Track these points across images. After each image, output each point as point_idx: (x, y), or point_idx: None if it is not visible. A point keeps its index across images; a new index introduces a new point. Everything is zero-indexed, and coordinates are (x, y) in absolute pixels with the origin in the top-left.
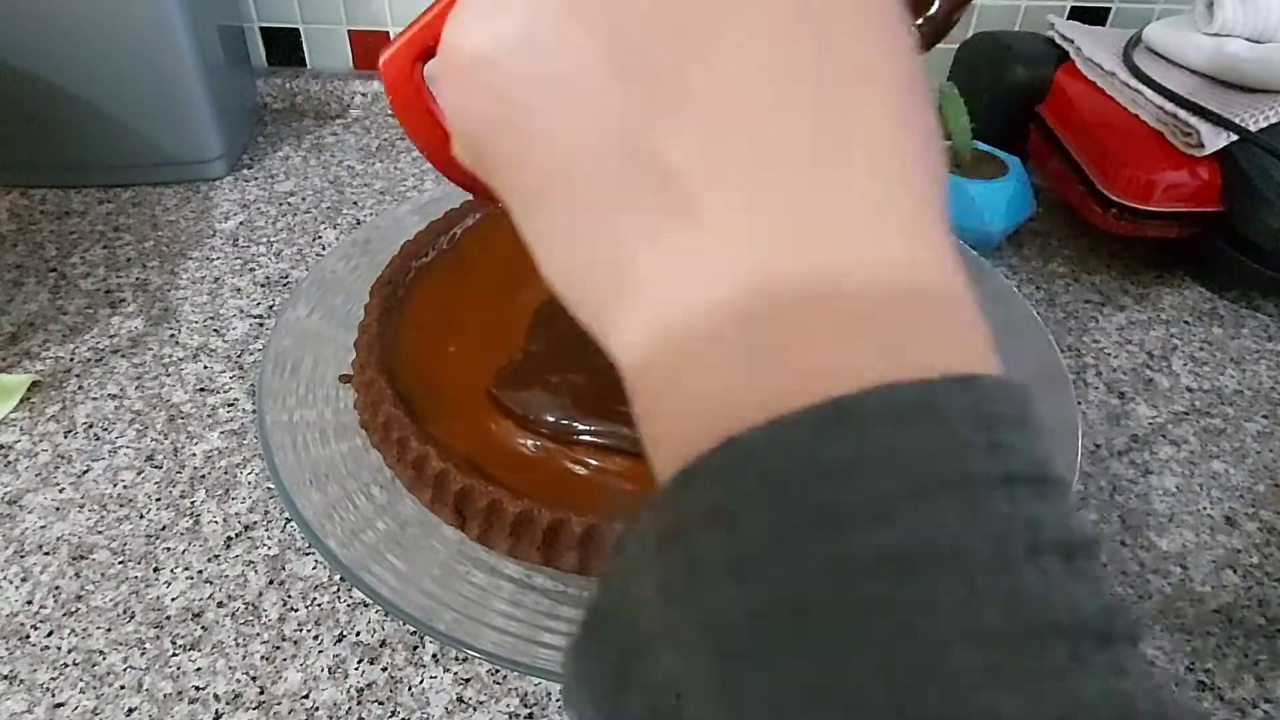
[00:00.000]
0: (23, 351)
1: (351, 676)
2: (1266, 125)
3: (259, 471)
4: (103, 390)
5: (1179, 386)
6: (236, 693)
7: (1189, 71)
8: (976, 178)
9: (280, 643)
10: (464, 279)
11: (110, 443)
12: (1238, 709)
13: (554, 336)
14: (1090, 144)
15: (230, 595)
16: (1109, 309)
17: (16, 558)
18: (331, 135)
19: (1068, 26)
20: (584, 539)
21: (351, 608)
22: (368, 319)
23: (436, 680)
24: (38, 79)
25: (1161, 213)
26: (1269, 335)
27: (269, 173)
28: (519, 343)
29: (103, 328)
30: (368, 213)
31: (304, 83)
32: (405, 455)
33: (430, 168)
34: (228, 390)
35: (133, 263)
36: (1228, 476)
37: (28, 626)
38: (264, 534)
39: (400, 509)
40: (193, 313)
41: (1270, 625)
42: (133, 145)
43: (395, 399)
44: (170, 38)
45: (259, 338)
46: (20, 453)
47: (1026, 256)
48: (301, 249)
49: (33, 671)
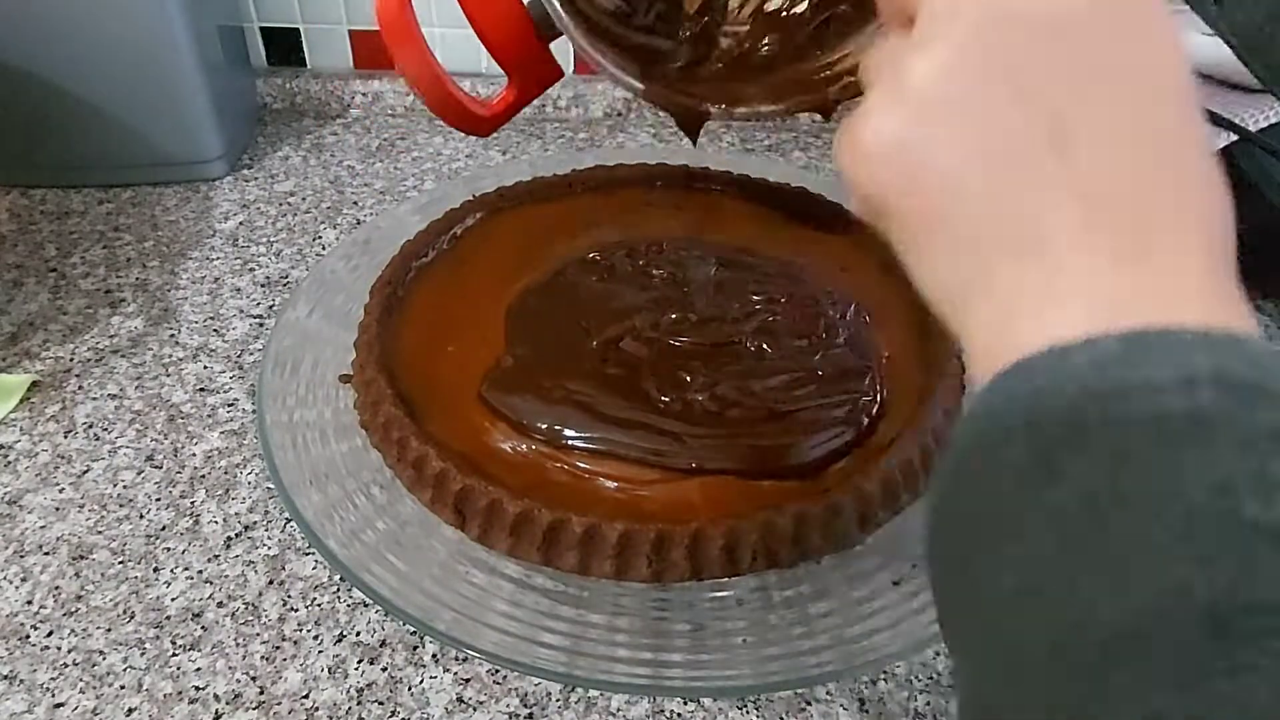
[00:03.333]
0: (23, 351)
1: (351, 676)
2: (1266, 125)
3: (259, 471)
4: (103, 390)
5: None
6: (236, 693)
7: None
8: None
9: (280, 643)
10: (464, 279)
11: (110, 443)
12: None
13: (538, 341)
14: None
15: (230, 595)
16: None
17: (16, 558)
18: (331, 135)
19: None
20: (584, 539)
21: (351, 608)
22: (368, 319)
23: (436, 680)
24: (38, 79)
25: None
26: (1269, 335)
27: (269, 173)
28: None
29: (103, 328)
30: (368, 213)
31: (304, 83)
32: (405, 455)
33: (430, 168)
34: (228, 390)
35: (133, 263)
36: None
37: (28, 626)
38: (264, 534)
39: (400, 509)
40: (193, 313)
41: None
42: (133, 145)
43: (395, 399)
44: (170, 38)
45: (259, 338)
46: (20, 453)
47: None
48: (301, 249)
49: (33, 671)
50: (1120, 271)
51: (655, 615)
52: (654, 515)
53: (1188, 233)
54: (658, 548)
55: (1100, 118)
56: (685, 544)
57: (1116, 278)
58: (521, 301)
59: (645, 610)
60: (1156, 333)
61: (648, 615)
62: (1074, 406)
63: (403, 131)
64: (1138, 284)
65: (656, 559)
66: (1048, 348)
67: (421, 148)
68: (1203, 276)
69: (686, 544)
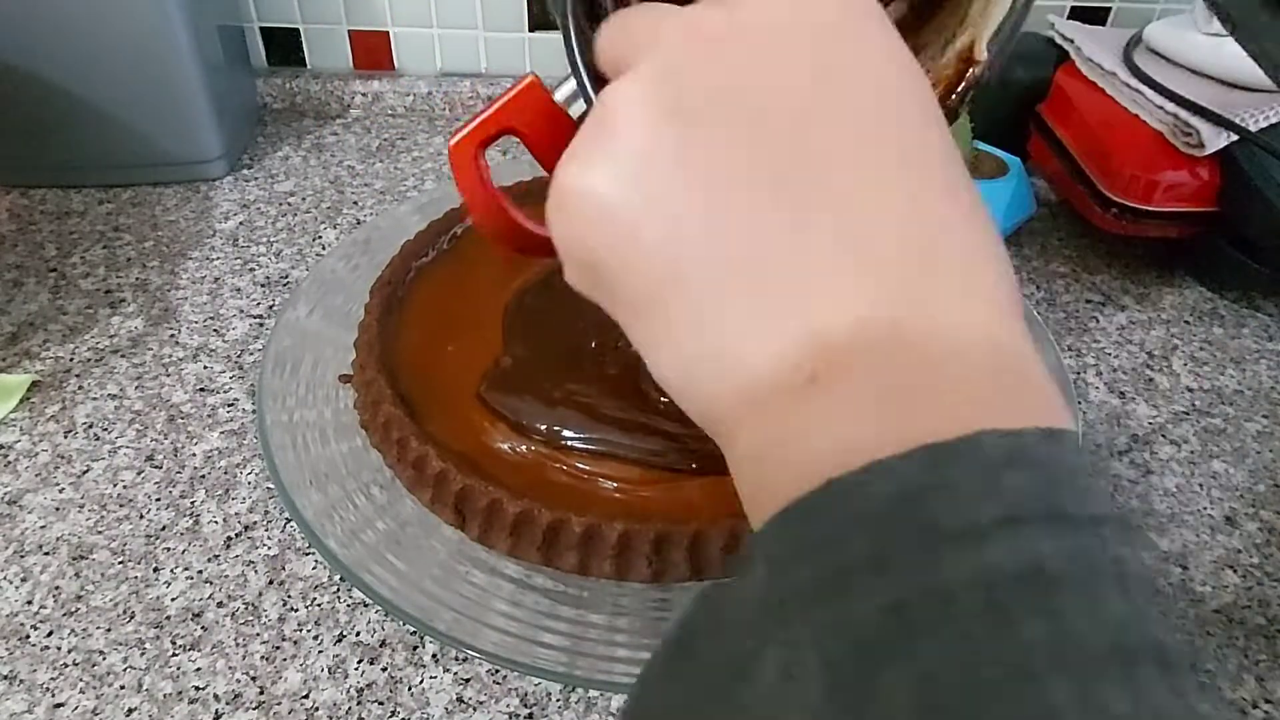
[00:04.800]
0: (23, 351)
1: (351, 676)
2: (1266, 125)
3: (259, 471)
4: (103, 390)
5: (1179, 386)
6: (236, 693)
7: (1189, 71)
8: (976, 178)
9: (280, 643)
10: (464, 279)
11: (110, 443)
12: (1238, 709)
13: (536, 341)
14: (1090, 144)
15: (230, 595)
16: (1109, 309)
17: (16, 558)
18: (331, 135)
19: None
20: (584, 539)
21: (351, 608)
22: (368, 319)
23: (436, 680)
24: (38, 79)
25: (1162, 213)
26: (1269, 335)
27: (269, 173)
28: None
29: (103, 328)
30: (368, 213)
31: (304, 83)
32: (405, 455)
33: (430, 168)
34: (228, 390)
35: (133, 263)
36: (1228, 476)
37: (28, 626)
38: (264, 534)
39: (400, 509)
40: (193, 313)
41: (1270, 625)
42: (133, 145)
43: (395, 399)
44: (170, 38)
45: (259, 338)
46: (20, 453)
47: (1026, 256)
48: (301, 249)
49: (33, 671)
50: (885, 317)
51: (655, 615)
52: (654, 515)
53: (964, 269)
54: (658, 548)
55: (832, 144)
56: (685, 544)
57: (883, 329)
58: (519, 301)
59: (645, 610)
60: (952, 450)
61: (648, 615)
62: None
63: (403, 131)
64: (910, 329)
65: (656, 559)
66: (832, 481)
67: (421, 148)
68: (987, 313)
69: (686, 544)
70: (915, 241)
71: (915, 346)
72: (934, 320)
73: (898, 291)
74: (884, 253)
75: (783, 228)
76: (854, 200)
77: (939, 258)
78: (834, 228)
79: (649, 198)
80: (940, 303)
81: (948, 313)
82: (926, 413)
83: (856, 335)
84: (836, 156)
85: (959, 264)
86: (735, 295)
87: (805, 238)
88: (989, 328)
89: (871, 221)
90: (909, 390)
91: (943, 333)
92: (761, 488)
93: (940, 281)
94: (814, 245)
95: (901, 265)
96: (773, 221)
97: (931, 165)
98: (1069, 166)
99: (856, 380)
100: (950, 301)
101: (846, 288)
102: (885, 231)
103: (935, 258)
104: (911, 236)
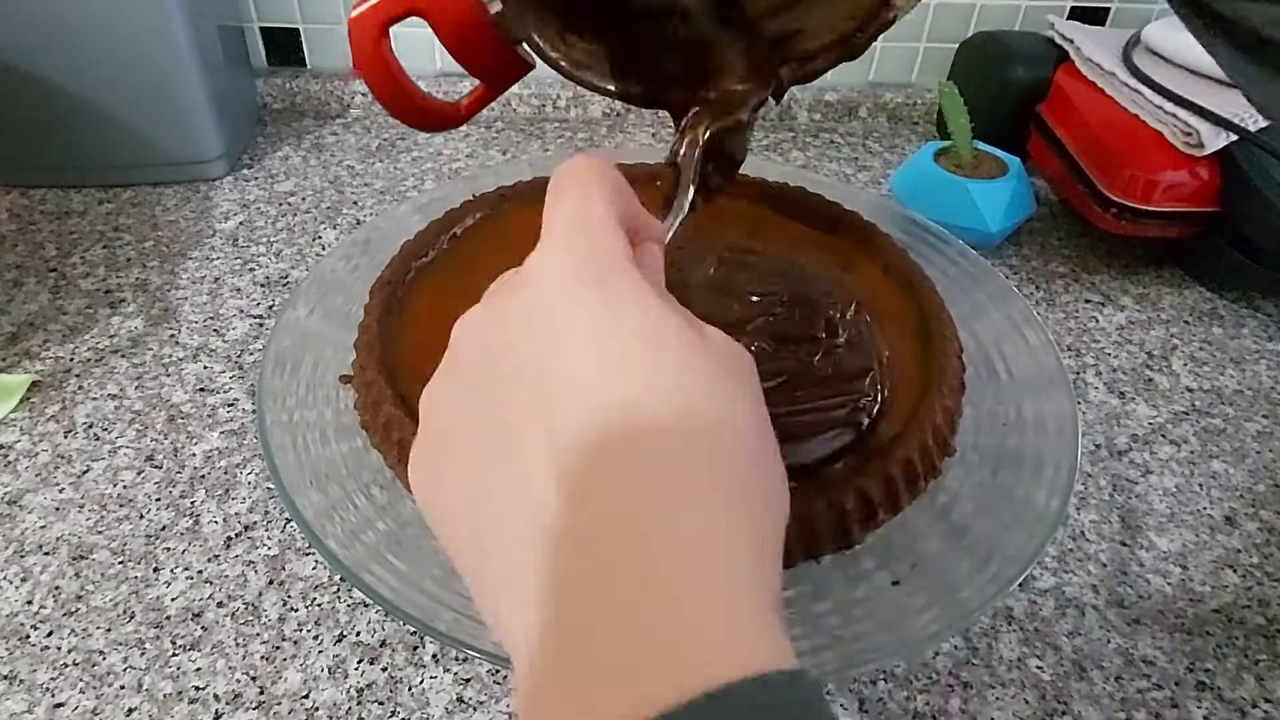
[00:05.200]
0: (23, 351)
1: (351, 676)
2: (1266, 125)
3: (259, 471)
4: (103, 390)
5: (1179, 386)
6: (236, 693)
7: (1189, 71)
8: (976, 178)
9: (280, 643)
10: (464, 279)
11: (110, 443)
12: (1238, 709)
13: None
14: (1090, 144)
15: (230, 595)
16: (1109, 309)
17: (16, 558)
18: (331, 135)
19: (1068, 26)
20: None
21: (351, 608)
22: (368, 319)
23: (436, 680)
24: (38, 79)
25: (1162, 213)
26: (1269, 335)
27: (269, 173)
28: None
29: (103, 328)
30: (368, 213)
31: (304, 83)
32: (405, 455)
33: (430, 168)
34: (228, 390)
35: (133, 263)
36: (1228, 476)
37: (28, 626)
38: (264, 534)
39: (400, 509)
40: (193, 313)
41: (1270, 625)
42: (133, 145)
43: (395, 399)
44: (170, 38)
45: (259, 338)
46: (20, 453)
47: (1026, 256)
48: (301, 249)
49: (33, 671)
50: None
51: None
52: None
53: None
54: None
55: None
56: None
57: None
58: None
59: None
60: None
61: None
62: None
63: (403, 131)
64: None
65: None
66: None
67: (421, 148)
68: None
69: None
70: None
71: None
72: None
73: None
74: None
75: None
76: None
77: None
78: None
79: (420, 483)
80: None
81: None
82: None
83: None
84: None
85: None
86: (474, 580)
87: (487, 564)
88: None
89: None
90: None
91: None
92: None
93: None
94: (491, 573)
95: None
96: (470, 532)
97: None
98: (1069, 166)
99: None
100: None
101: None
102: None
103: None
104: (549, 633)
